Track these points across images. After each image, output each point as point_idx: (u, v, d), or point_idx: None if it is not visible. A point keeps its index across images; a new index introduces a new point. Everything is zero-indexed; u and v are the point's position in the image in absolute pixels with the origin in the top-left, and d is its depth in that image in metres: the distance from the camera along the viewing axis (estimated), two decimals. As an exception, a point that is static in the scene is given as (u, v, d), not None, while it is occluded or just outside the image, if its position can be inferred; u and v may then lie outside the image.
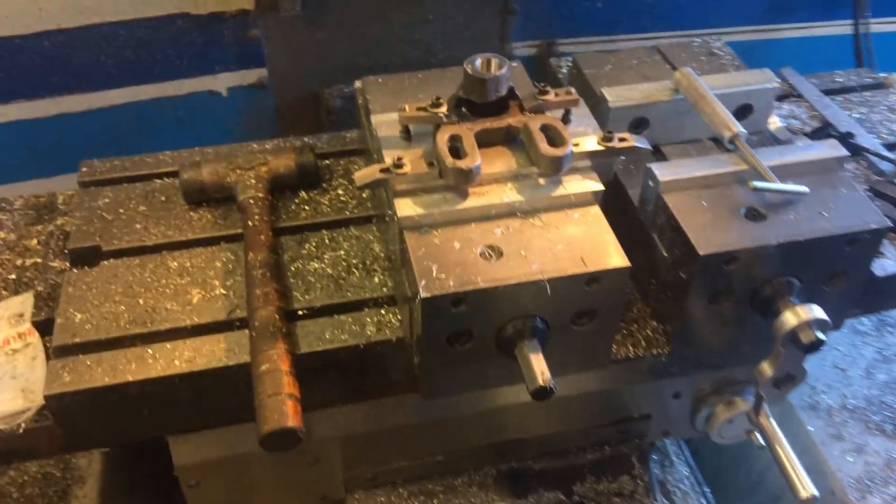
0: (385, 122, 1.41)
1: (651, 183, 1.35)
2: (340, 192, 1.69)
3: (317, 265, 1.53)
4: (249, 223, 1.53)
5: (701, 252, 1.21)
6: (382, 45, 2.45)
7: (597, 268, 1.19)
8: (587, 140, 1.33)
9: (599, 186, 1.31)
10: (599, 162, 1.34)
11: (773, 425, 1.47)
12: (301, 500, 1.79)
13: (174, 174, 1.68)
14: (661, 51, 1.75)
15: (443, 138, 1.28)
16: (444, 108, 1.32)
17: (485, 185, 1.30)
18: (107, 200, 1.65)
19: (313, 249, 1.57)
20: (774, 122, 1.67)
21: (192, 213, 1.63)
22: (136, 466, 1.87)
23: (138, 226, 1.60)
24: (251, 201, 1.56)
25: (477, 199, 1.28)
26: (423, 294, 1.15)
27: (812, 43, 2.82)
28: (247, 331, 1.36)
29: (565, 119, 1.40)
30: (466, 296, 1.16)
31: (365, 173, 1.28)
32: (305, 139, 1.83)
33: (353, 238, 1.58)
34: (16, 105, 2.22)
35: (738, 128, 1.38)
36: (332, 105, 2.49)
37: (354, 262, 1.53)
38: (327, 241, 1.58)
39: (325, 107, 2.49)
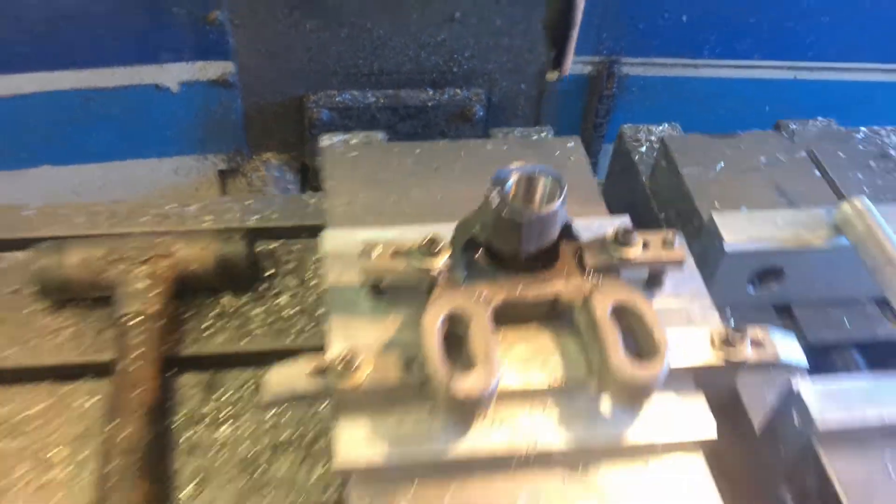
0: (343, 256, 0.82)
1: (798, 421, 0.76)
2: (283, 299, 1.11)
3: (226, 435, 0.96)
4: (120, 365, 0.95)
5: None
6: (391, 46, 1.85)
7: None
8: (692, 338, 0.74)
9: (710, 430, 0.73)
10: (711, 379, 0.75)
11: None
12: None
13: (46, 240, 1.08)
14: (812, 155, 1.11)
15: (434, 321, 0.70)
16: (442, 258, 0.73)
17: (502, 403, 0.72)
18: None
19: (224, 405, 1.00)
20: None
21: (49, 318, 1.06)
22: None
23: (-41, 333, 1.03)
24: (132, 320, 0.98)
25: (486, 432, 0.70)
26: None
27: None
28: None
29: (654, 279, 0.81)
30: None
31: (281, 377, 0.69)
32: (249, 202, 1.24)
33: (290, 388, 1.01)
34: None
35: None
36: (317, 117, 1.89)
37: (286, 435, 0.96)
38: (250, 390, 1.01)
39: (309, 118, 1.89)
